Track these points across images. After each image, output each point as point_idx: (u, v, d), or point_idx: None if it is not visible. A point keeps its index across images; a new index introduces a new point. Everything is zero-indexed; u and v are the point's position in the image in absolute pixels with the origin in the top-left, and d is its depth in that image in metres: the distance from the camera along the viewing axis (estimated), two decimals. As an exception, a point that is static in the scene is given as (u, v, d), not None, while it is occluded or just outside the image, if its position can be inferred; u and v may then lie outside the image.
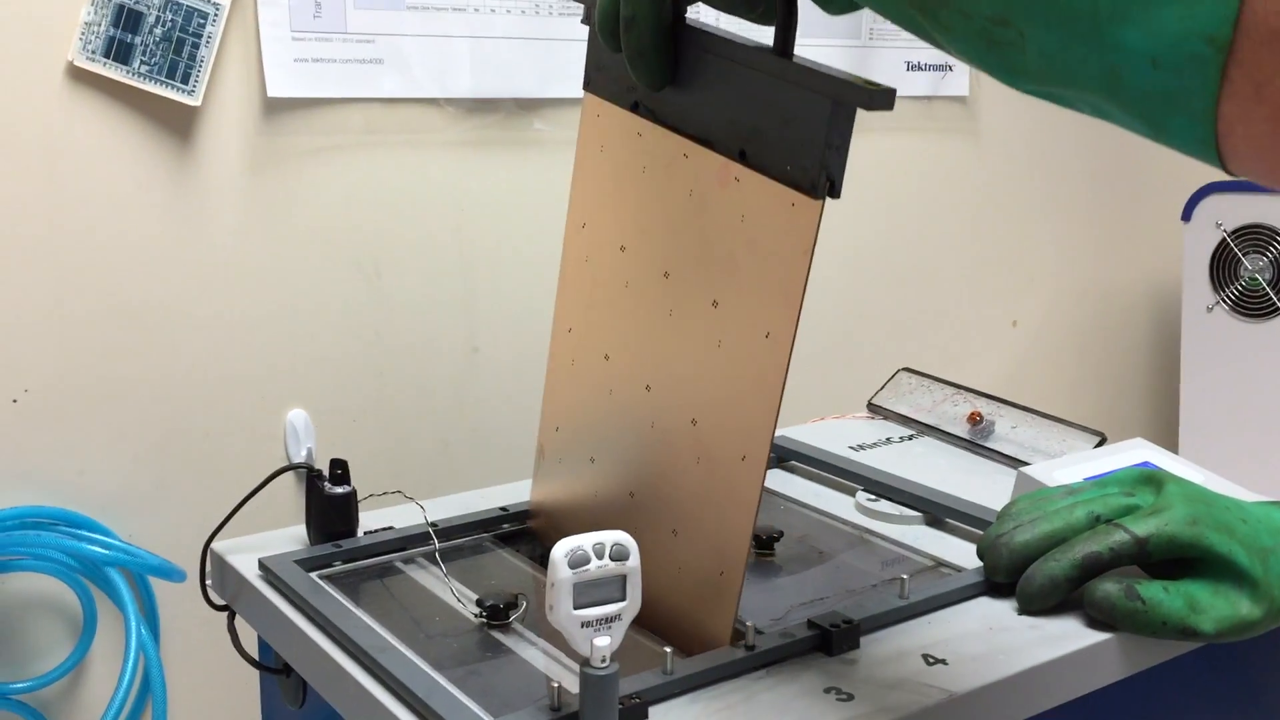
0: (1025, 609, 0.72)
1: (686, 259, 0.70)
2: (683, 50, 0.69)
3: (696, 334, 0.70)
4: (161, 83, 1.19)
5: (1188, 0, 0.38)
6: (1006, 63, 0.46)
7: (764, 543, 0.84)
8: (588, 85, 0.79)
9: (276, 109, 1.28)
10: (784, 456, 1.02)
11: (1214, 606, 0.70)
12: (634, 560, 0.57)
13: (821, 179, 0.60)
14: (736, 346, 0.67)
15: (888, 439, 1.09)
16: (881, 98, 0.57)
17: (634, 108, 0.74)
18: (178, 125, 1.23)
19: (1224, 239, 1.86)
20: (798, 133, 0.61)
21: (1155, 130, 0.43)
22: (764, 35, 0.65)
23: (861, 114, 0.59)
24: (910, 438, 1.10)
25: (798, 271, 0.62)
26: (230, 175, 1.28)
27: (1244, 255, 1.84)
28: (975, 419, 1.07)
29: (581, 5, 0.78)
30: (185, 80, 1.20)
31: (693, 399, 0.70)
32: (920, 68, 1.75)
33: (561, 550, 0.56)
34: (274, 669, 0.81)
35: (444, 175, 1.42)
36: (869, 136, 1.80)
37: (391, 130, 1.36)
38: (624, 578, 0.57)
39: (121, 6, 1.16)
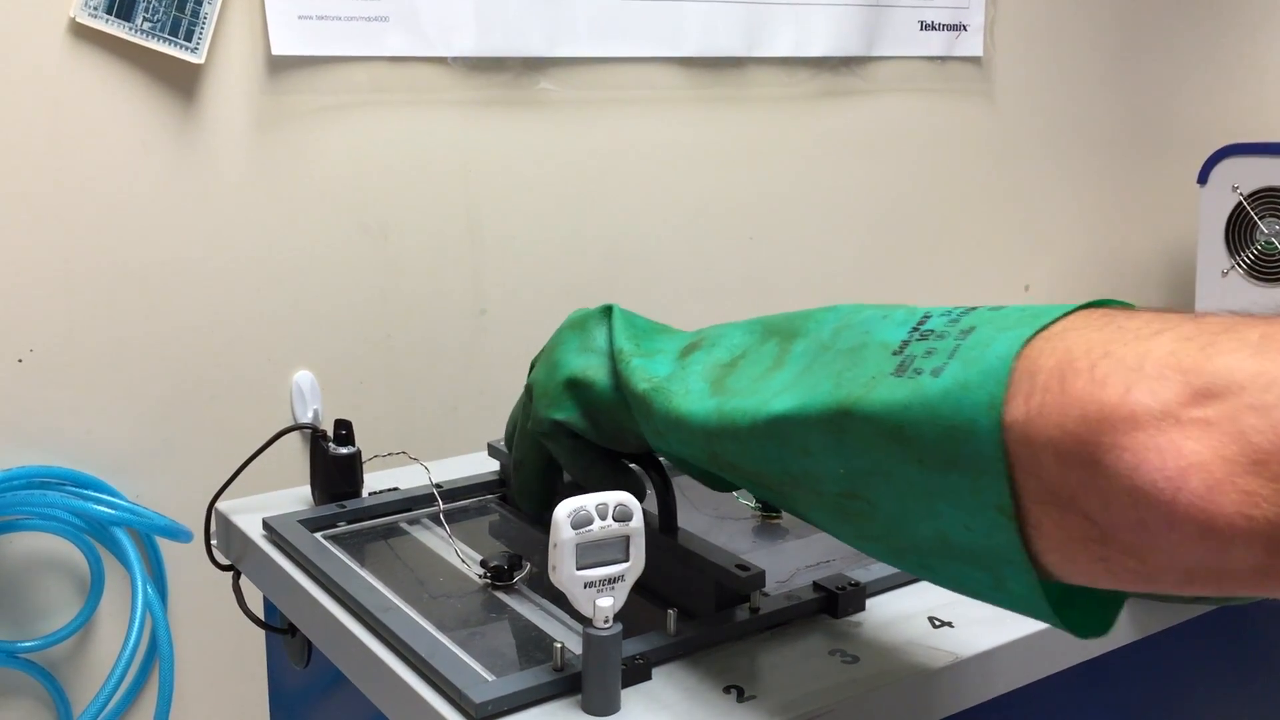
0: (1034, 572, 0.71)
1: None
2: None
3: None
4: (165, 40, 1.18)
5: (975, 477, 0.45)
6: (859, 530, 0.52)
7: (770, 505, 0.83)
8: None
9: (281, 67, 1.27)
10: (792, 419, 1.01)
11: (1225, 569, 0.69)
12: (637, 521, 0.57)
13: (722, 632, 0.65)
14: None
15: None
16: (754, 580, 0.64)
17: None
18: (181, 83, 1.22)
19: (1240, 202, 1.83)
20: (694, 593, 0.67)
21: (996, 582, 0.48)
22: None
23: (872, 71, 0.59)
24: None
25: None
26: (235, 135, 1.27)
27: (1260, 219, 1.81)
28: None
29: None
30: (189, 38, 1.18)
31: None
32: (934, 27, 1.72)
33: (564, 510, 0.55)
34: (279, 629, 0.81)
35: (451, 135, 1.40)
36: (880, 97, 1.78)
37: (398, 89, 1.35)
38: (627, 538, 0.57)
39: (124, -38, 1.15)
